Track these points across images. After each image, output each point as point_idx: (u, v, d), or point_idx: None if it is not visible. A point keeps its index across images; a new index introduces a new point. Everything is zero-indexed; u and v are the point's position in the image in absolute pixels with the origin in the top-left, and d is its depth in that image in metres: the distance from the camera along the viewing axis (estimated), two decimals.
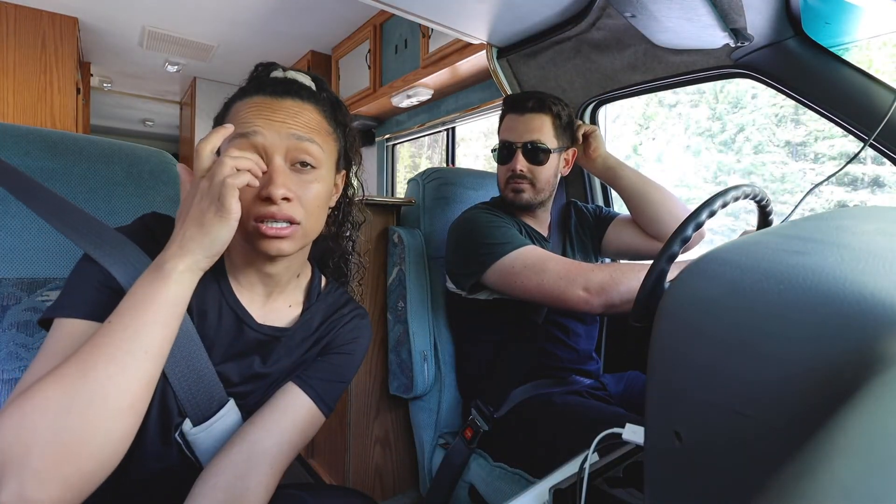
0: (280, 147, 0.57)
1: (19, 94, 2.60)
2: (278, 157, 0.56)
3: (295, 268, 0.67)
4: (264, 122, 0.56)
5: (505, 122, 1.13)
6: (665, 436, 0.31)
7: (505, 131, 1.12)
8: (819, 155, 1.46)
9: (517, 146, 1.08)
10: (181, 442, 0.60)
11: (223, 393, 0.61)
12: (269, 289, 0.65)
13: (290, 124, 0.57)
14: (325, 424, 0.66)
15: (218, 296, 0.62)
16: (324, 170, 0.60)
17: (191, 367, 0.58)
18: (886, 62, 1.26)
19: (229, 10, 2.74)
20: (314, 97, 0.62)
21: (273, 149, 0.56)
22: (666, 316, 0.33)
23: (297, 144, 0.57)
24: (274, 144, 0.56)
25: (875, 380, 0.20)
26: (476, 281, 1.03)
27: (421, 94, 2.50)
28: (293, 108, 0.59)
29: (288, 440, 0.62)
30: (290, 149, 0.57)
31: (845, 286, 0.26)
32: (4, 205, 0.69)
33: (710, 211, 0.66)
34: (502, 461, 1.03)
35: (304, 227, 0.58)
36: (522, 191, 1.10)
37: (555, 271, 0.92)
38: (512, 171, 1.08)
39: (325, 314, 0.70)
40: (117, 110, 4.88)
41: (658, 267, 0.63)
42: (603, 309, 0.87)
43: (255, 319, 0.64)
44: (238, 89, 0.63)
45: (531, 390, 1.08)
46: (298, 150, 0.58)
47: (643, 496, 0.41)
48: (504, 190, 1.13)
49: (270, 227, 0.55)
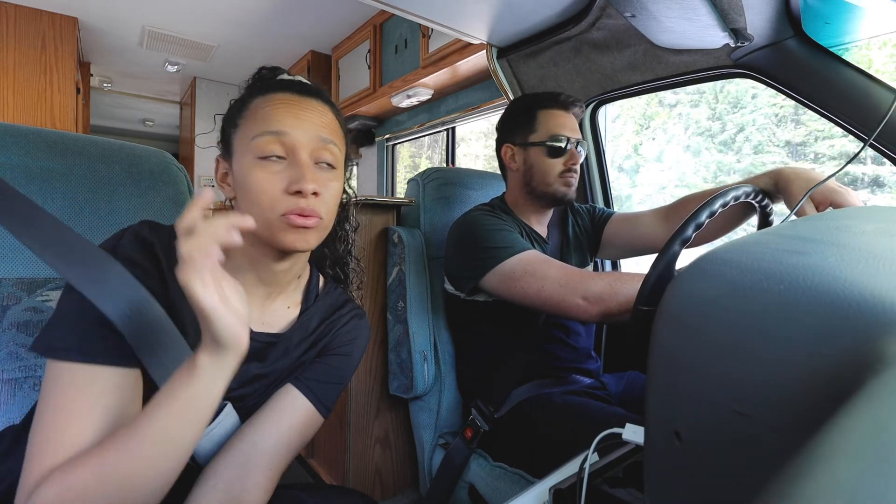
0: (307, 146, 0.59)
1: (19, 94, 2.60)
2: (305, 154, 0.58)
3: (299, 267, 0.67)
4: (294, 120, 0.58)
5: (552, 118, 1.11)
6: (665, 436, 0.31)
7: (557, 126, 1.10)
8: (819, 155, 1.46)
9: (573, 141, 1.09)
10: None
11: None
12: (270, 289, 0.65)
13: (317, 125, 0.60)
14: (325, 424, 0.67)
15: None
16: (339, 170, 0.63)
17: None
18: (886, 62, 1.26)
19: (229, 10, 2.74)
20: (330, 101, 0.65)
21: (301, 147, 0.58)
22: (666, 316, 0.33)
23: (322, 145, 0.60)
24: (301, 143, 0.58)
25: (875, 380, 0.20)
26: (475, 284, 1.03)
27: (421, 94, 2.51)
28: (318, 108, 0.61)
29: (286, 442, 0.62)
30: (316, 148, 0.59)
31: (845, 286, 0.26)
32: None
33: (711, 211, 0.67)
34: (502, 461, 1.03)
35: (325, 223, 0.60)
36: (573, 185, 1.11)
37: (555, 279, 0.91)
38: (572, 164, 1.09)
39: (323, 315, 0.70)
40: (117, 110, 4.88)
41: (669, 251, 0.63)
42: (600, 318, 0.87)
43: (250, 327, 0.63)
44: (250, 87, 0.64)
45: (531, 390, 1.08)
46: (323, 149, 0.60)
47: (643, 496, 0.41)
48: (554, 183, 1.11)
49: (299, 219, 0.56)
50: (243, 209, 0.59)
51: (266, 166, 0.57)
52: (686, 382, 0.30)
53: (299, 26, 2.96)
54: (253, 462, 0.58)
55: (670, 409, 0.31)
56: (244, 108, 0.61)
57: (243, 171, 0.58)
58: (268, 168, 0.57)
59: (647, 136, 1.97)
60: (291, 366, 0.67)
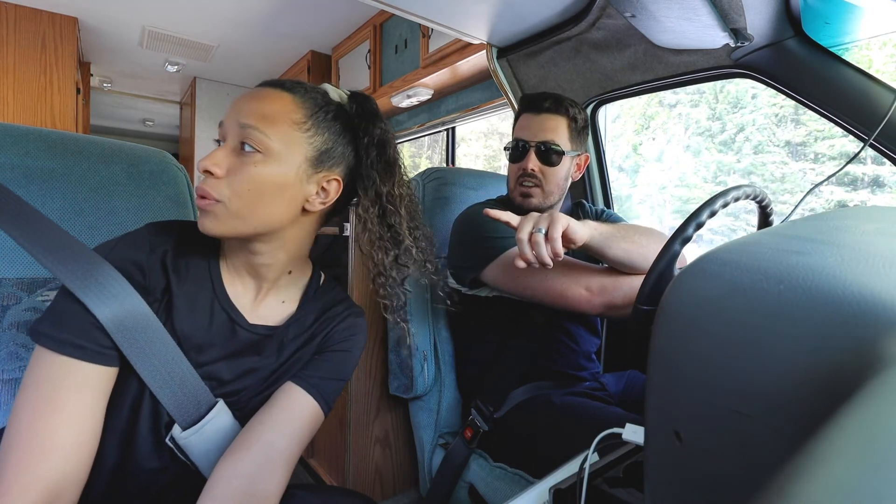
0: (231, 130, 0.59)
1: (19, 94, 2.60)
2: (231, 138, 0.59)
3: (280, 263, 0.65)
4: (232, 109, 0.60)
5: (520, 121, 1.11)
6: (665, 436, 0.31)
7: (519, 129, 1.10)
8: (819, 155, 1.46)
9: (531, 145, 1.06)
10: (173, 447, 0.60)
11: (210, 395, 0.61)
12: (258, 282, 0.66)
13: (244, 112, 0.59)
14: (325, 424, 0.67)
15: (210, 295, 0.62)
16: (270, 155, 0.58)
17: (171, 375, 0.58)
18: (886, 62, 1.26)
19: (229, 10, 2.74)
20: (293, 89, 0.62)
21: (227, 132, 0.59)
22: (666, 316, 0.33)
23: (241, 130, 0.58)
24: (228, 128, 0.60)
25: (875, 380, 0.20)
26: (477, 275, 1.02)
27: (421, 94, 2.50)
28: (266, 94, 0.61)
29: (298, 440, 0.63)
30: (237, 133, 0.59)
31: (845, 286, 0.26)
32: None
33: (711, 211, 0.67)
34: (502, 461, 1.03)
35: (230, 208, 0.57)
36: (531, 195, 1.07)
37: (559, 268, 0.91)
38: (523, 169, 1.06)
39: (319, 311, 0.70)
40: (117, 110, 4.88)
41: (670, 251, 0.63)
42: (603, 309, 0.86)
43: (246, 319, 0.64)
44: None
45: (531, 390, 1.08)
46: (242, 134, 0.58)
47: (643, 496, 0.41)
48: (513, 191, 1.11)
49: (199, 200, 0.58)
50: None
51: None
52: (686, 382, 0.30)
53: (299, 26, 2.95)
54: (273, 462, 0.59)
55: (670, 409, 0.31)
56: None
57: None
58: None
59: (647, 136, 1.97)
60: (286, 359, 0.67)
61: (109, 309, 0.53)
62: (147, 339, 0.56)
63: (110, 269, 0.55)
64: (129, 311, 0.54)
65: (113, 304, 0.53)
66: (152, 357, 0.56)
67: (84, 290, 0.52)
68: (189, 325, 0.60)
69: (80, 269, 0.53)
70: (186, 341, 0.60)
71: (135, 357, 0.55)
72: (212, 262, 0.63)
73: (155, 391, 0.57)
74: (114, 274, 0.54)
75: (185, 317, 0.60)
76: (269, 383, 0.66)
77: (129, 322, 0.54)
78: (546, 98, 1.08)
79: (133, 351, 0.55)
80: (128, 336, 0.54)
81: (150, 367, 0.56)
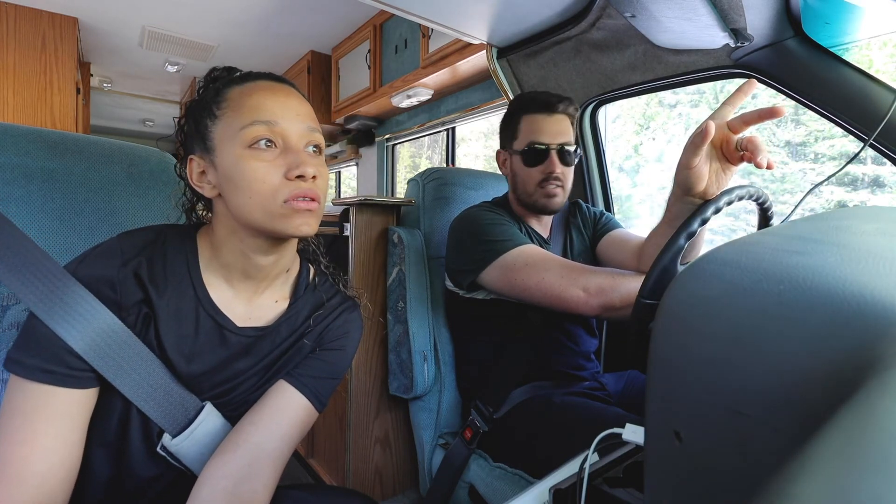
0: (297, 132, 0.59)
1: (19, 94, 2.60)
2: (298, 140, 0.59)
3: (286, 261, 0.66)
4: (282, 109, 0.58)
5: (531, 123, 1.07)
6: (665, 436, 0.31)
7: (535, 132, 1.06)
8: (819, 155, 1.46)
9: (553, 148, 1.05)
10: (165, 455, 0.60)
11: (197, 400, 0.61)
12: (257, 284, 0.64)
13: (302, 113, 0.60)
14: (325, 424, 0.66)
15: (194, 302, 0.60)
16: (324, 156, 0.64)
17: (154, 387, 0.56)
18: (886, 62, 1.26)
19: (229, 10, 2.74)
20: (302, 92, 0.66)
21: (292, 133, 0.58)
22: (666, 316, 0.33)
23: (309, 132, 0.60)
24: (293, 129, 0.58)
25: (875, 380, 0.20)
26: (475, 278, 1.02)
27: (421, 95, 2.50)
28: (297, 96, 0.62)
29: (288, 441, 0.62)
30: (305, 133, 0.60)
31: (845, 286, 0.26)
32: (4, 205, 0.69)
33: (716, 207, 0.68)
34: (502, 461, 1.03)
35: (322, 208, 0.60)
36: (556, 195, 1.07)
37: (555, 270, 0.91)
38: (549, 172, 1.05)
39: (312, 307, 0.69)
40: (117, 110, 4.88)
41: (674, 245, 0.63)
42: (601, 310, 0.86)
43: (235, 323, 0.62)
44: (220, 80, 0.63)
45: (531, 391, 1.08)
46: (312, 135, 0.60)
47: (643, 496, 0.41)
48: (534, 194, 1.08)
49: (304, 203, 0.56)
50: (235, 203, 0.57)
51: (259, 155, 0.56)
52: (686, 382, 0.30)
53: (299, 26, 2.95)
54: (260, 463, 0.58)
55: (670, 409, 0.31)
56: (222, 100, 0.59)
57: (233, 163, 0.56)
58: (262, 157, 0.56)
59: (648, 136, 1.97)
60: (278, 358, 0.67)
61: (77, 331, 0.51)
62: (124, 356, 0.54)
63: (77, 286, 0.52)
64: (101, 331, 0.52)
65: (81, 326, 0.51)
66: (131, 373, 0.54)
67: (49, 314, 0.50)
68: (174, 335, 0.58)
69: (46, 289, 0.50)
70: (173, 352, 0.58)
71: (113, 375, 0.54)
72: (192, 268, 0.61)
73: (139, 405, 0.56)
74: (81, 292, 0.52)
75: (170, 327, 0.58)
76: (261, 383, 0.66)
77: (102, 341, 0.52)
78: (558, 99, 1.07)
79: (110, 370, 0.53)
80: (102, 355, 0.52)
81: (130, 382, 0.55)
